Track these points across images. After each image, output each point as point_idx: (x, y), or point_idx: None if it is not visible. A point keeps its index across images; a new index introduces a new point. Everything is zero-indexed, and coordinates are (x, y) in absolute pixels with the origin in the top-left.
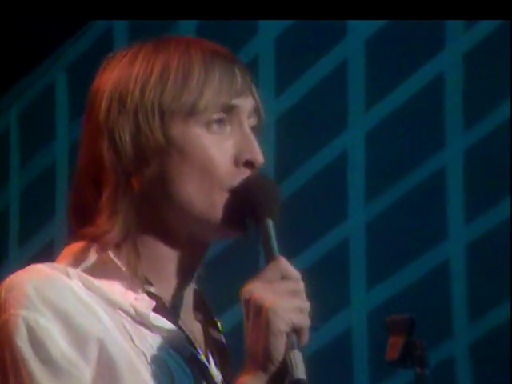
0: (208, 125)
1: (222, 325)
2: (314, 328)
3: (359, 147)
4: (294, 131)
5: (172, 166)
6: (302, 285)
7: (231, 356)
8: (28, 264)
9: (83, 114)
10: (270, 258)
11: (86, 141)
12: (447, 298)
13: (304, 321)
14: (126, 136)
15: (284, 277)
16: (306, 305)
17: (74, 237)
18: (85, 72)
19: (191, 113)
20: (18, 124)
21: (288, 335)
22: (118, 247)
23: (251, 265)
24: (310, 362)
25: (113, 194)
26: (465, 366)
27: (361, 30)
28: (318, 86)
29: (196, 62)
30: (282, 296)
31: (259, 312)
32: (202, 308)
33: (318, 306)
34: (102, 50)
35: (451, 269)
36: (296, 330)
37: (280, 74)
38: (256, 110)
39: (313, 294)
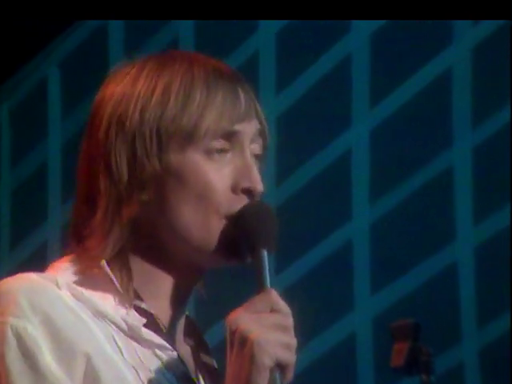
0: (208, 152)
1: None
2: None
3: (363, 146)
4: (296, 130)
5: (169, 193)
6: (291, 320)
7: (224, 381)
8: (20, 268)
9: (76, 110)
10: (260, 288)
11: (84, 159)
12: (455, 302)
13: (289, 357)
14: (122, 161)
15: (273, 310)
16: (293, 341)
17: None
18: (78, 67)
19: (190, 139)
20: (9, 122)
21: (271, 371)
22: (110, 263)
23: (244, 277)
24: (312, 368)
25: (103, 220)
26: (474, 373)
27: (365, 24)
28: (320, 82)
29: (198, 83)
30: (269, 329)
31: (244, 344)
32: (193, 334)
33: (321, 311)
34: (96, 44)
35: (459, 272)
36: (280, 366)
37: (281, 71)
38: (261, 133)
39: (315, 298)
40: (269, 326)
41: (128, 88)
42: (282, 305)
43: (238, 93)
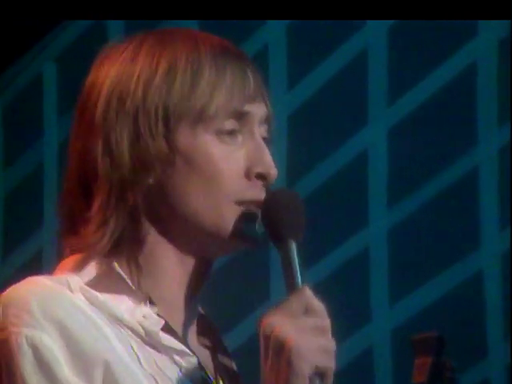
0: (218, 133)
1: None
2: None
3: (381, 146)
4: (308, 129)
5: (176, 176)
6: (327, 321)
7: (243, 383)
8: (14, 277)
9: (74, 109)
10: (292, 286)
11: (77, 142)
12: (481, 313)
13: (329, 363)
14: (123, 142)
15: (308, 310)
16: (331, 345)
17: (62, 246)
18: (76, 62)
19: (200, 118)
20: (2, 120)
21: (311, 378)
22: (119, 260)
23: (258, 279)
24: None
25: (104, 205)
26: None
27: None
28: (334, 78)
29: (206, 60)
30: (306, 333)
31: (281, 350)
32: (209, 333)
33: (336, 323)
34: (95, 38)
35: (485, 281)
36: (319, 373)
37: (292, 66)
38: (267, 119)
39: (329, 309)
40: (306, 330)
41: (127, 65)
42: (318, 305)
43: (247, 72)
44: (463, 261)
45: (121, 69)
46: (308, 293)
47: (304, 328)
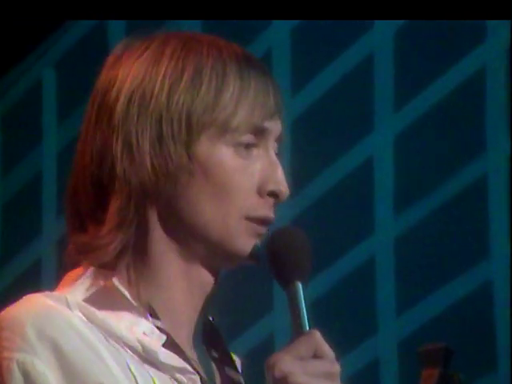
0: (236, 146)
1: (242, 364)
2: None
3: (387, 152)
4: (313, 135)
5: (192, 186)
6: (337, 367)
7: None
8: (12, 287)
9: (73, 115)
10: (299, 328)
11: (92, 137)
12: (490, 324)
13: None
14: (145, 143)
15: (317, 355)
16: None
17: (68, 243)
18: (76, 68)
19: (222, 131)
20: (1, 127)
21: None
22: (119, 271)
23: (262, 289)
24: None
25: (124, 207)
26: None
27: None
28: (339, 83)
29: (231, 71)
30: (317, 379)
31: None
32: (217, 343)
33: (341, 335)
34: (95, 43)
35: (494, 291)
36: None
37: (296, 71)
38: (280, 136)
39: (334, 321)
40: (316, 375)
41: (150, 64)
42: (327, 349)
43: (269, 87)
44: (472, 270)
45: (143, 68)
46: (318, 336)
47: (314, 373)
